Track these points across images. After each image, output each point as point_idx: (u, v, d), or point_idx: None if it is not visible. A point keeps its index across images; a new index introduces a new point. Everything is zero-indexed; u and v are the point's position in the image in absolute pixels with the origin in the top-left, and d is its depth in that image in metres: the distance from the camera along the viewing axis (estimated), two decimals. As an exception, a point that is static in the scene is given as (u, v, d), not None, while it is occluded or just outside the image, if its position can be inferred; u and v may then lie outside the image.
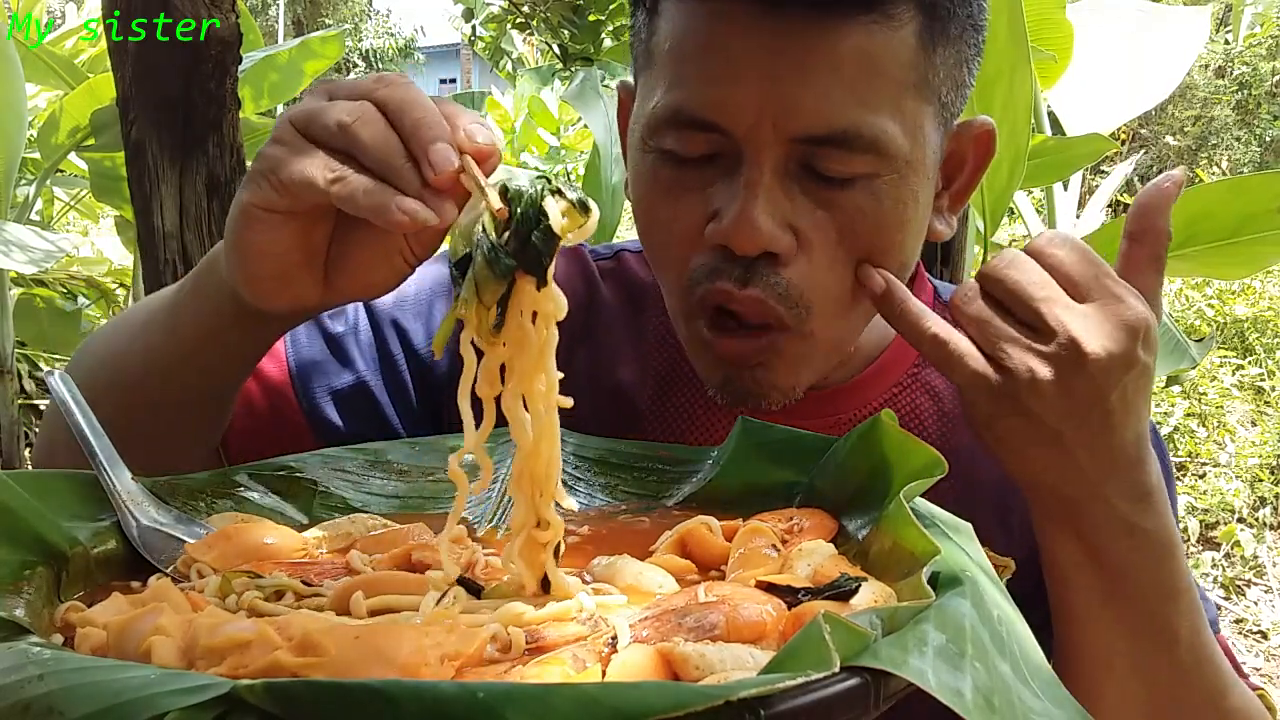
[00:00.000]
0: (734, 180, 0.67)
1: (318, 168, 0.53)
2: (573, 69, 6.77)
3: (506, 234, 0.48)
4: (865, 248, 0.70)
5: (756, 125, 0.66)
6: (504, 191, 0.49)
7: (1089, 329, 0.63)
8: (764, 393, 0.74)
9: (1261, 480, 4.55)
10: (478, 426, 0.51)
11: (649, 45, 0.71)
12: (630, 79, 0.78)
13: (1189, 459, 4.91)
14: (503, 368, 0.51)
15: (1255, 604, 3.97)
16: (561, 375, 0.52)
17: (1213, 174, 9.56)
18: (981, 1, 0.72)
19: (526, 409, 0.52)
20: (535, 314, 0.50)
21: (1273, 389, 5.30)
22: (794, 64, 0.65)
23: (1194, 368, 2.68)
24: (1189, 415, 5.07)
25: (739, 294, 0.69)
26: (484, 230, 0.48)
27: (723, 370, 0.74)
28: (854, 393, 0.83)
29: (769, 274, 0.68)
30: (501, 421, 0.78)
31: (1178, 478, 4.82)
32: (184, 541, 0.61)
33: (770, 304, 0.69)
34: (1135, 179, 9.67)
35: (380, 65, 21.23)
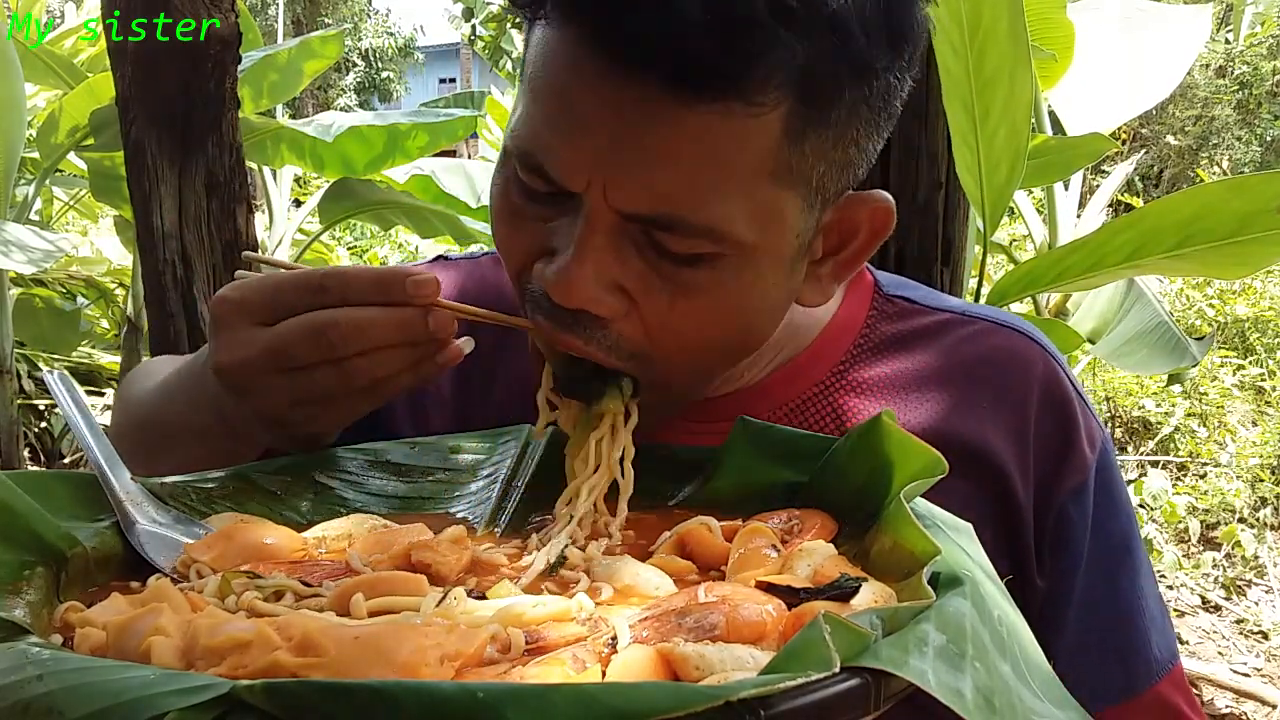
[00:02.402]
0: (572, 225, 0.65)
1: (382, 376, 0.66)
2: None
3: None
4: (702, 317, 0.67)
5: (589, 189, 0.63)
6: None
7: None
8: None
9: (1262, 480, 4.55)
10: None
11: (526, 50, 0.67)
12: None
13: (1190, 459, 4.91)
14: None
15: (1256, 604, 3.97)
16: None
17: (1213, 173, 9.56)
18: (890, 79, 0.64)
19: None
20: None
21: (1273, 389, 5.31)
22: (632, 138, 0.61)
23: (1194, 366, 2.68)
24: (1190, 415, 5.07)
25: (555, 336, 0.68)
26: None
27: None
28: (764, 394, 0.80)
29: (592, 328, 0.67)
30: (502, 422, 0.79)
31: (1178, 478, 4.82)
32: (183, 542, 0.61)
33: (591, 349, 0.68)
34: (1136, 178, 9.67)
35: (380, 64, 21.25)
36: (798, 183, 0.64)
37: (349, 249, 8.44)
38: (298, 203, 6.28)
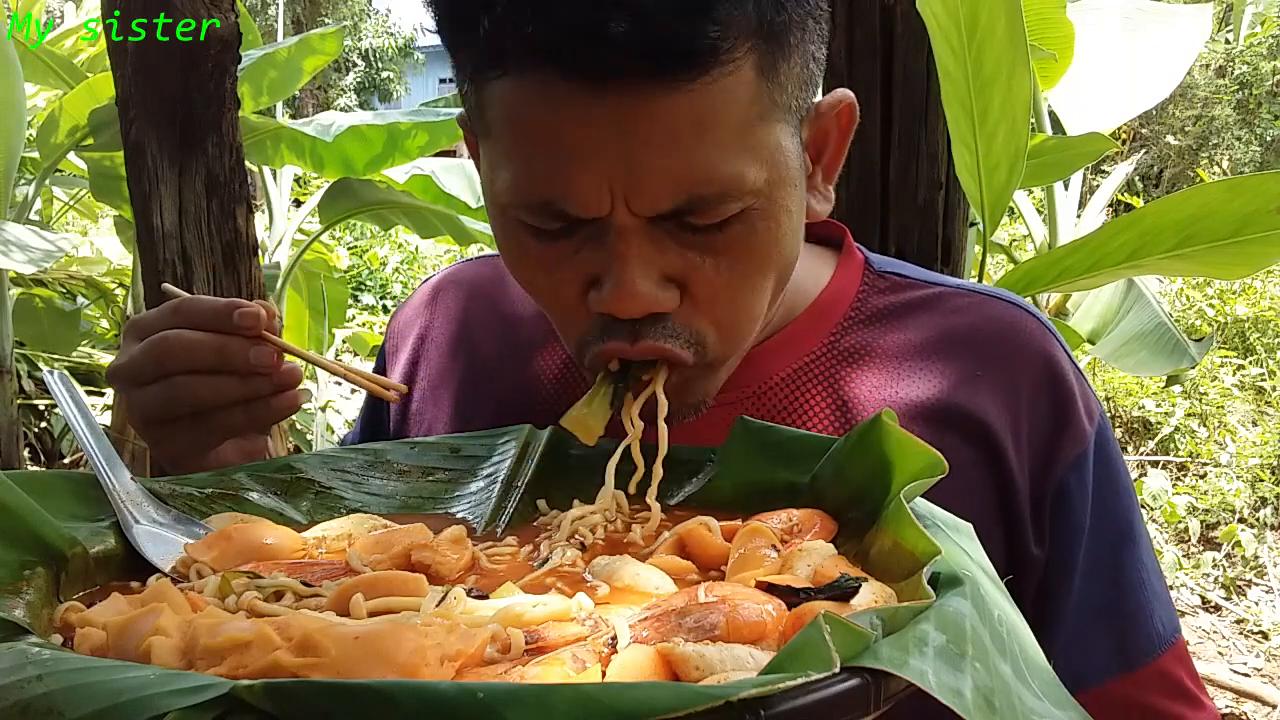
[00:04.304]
0: (603, 244, 0.66)
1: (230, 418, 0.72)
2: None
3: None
4: (746, 269, 0.69)
5: (611, 208, 0.64)
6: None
7: None
8: (674, 412, 0.73)
9: (1262, 480, 4.56)
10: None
11: (484, 115, 0.67)
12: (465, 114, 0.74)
13: (1190, 459, 4.91)
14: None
15: (1256, 604, 3.97)
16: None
17: (1213, 174, 9.56)
18: None
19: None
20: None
21: (1273, 389, 5.31)
22: (636, 145, 0.62)
23: (1194, 367, 2.67)
24: (1190, 415, 5.07)
25: (632, 349, 0.69)
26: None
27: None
28: (757, 364, 0.81)
29: (659, 325, 0.68)
30: (501, 422, 0.79)
31: (1178, 478, 4.82)
32: (183, 541, 0.61)
33: (665, 345, 0.69)
34: (1136, 178, 9.67)
35: (380, 64, 21.23)
36: (783, 113, 0.67)
37: (349, 249, 8.44)
38: (298, 203, 6.29)
